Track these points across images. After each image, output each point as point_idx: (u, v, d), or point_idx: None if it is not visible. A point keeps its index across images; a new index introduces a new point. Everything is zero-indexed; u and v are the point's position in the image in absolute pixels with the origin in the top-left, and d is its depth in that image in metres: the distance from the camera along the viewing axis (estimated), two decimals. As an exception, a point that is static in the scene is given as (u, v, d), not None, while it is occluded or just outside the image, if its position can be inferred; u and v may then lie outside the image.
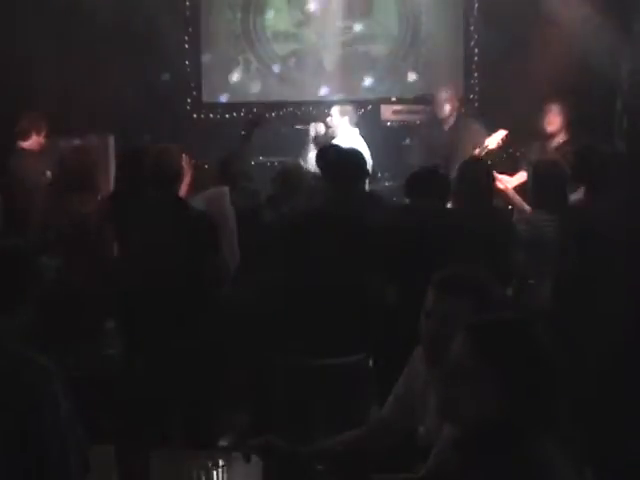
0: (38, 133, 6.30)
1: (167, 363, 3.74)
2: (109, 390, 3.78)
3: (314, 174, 5.38)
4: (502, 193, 5.21)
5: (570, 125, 6.09)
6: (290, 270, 3.72)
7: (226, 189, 4.97)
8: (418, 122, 7.74)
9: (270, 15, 8.37)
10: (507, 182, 5.42)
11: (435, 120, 6.82)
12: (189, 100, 8.23)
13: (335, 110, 6.71)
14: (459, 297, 2.32)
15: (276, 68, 8.38)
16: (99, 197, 4.80)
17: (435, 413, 2.36)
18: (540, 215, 4.38)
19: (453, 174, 4.62)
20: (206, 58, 8.32)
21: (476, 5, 8.08)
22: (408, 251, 3.89)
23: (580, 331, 3.57)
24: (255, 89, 8.38)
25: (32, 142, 6.27)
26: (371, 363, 3.88)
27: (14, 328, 2.29)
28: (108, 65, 7.20)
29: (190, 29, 8.19)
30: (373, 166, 6.05)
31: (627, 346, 3.52)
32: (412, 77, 8.34)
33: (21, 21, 7.14)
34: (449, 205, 4.48)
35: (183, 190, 4.69)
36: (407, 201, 4.44)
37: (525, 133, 6.40)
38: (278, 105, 8.20)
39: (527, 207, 4.88)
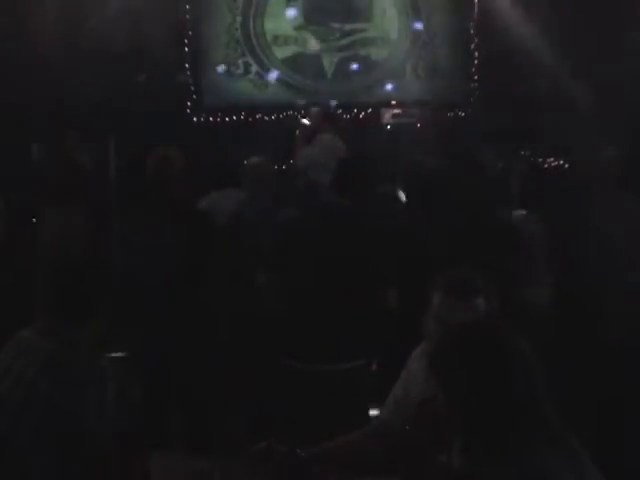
0: None
1: (168, 363, 3.73)
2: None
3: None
4: None
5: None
6: (291, 273, 3.69)
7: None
8: (418, 125, 7.75)
9: (270, 19, 8.39)
10: None
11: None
12: (189, 103, 8.25)
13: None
14: (470, 303, 2.32)
15: (276, 71, 8.40)
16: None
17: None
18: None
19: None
20: (206, 61, 8.34)
21: (476, 8, 8.10)
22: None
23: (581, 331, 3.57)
24: (255, 92, 8.39)
25: None
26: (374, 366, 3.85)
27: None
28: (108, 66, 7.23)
29: (190, 32, 8.21)
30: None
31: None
32: (412, 80, 8.35)
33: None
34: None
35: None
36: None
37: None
38: (278, 108, 8.21)
39: None
